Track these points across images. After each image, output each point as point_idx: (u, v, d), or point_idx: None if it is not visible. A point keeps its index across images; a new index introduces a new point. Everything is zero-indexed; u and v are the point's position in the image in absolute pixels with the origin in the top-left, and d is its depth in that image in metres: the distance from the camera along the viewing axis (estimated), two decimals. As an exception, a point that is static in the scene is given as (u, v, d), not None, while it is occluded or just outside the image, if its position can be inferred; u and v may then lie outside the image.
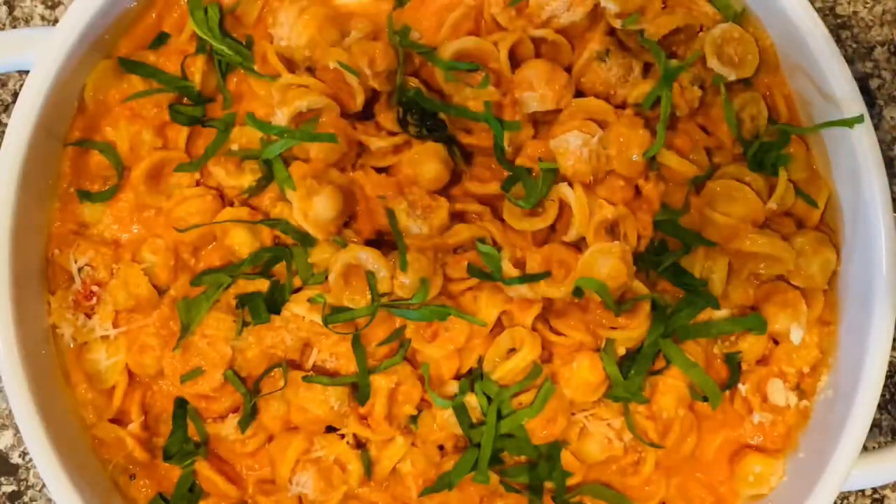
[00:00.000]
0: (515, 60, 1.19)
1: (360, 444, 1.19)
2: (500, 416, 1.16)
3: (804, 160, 1.21)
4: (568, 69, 1.21)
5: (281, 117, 1.14)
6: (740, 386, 1.22)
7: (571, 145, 1.15)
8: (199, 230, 1.17)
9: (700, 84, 1.19)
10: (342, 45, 1.17)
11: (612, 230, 1.18)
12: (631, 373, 1.17)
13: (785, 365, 1.21)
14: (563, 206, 1.17)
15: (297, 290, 1.18)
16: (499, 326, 1.18)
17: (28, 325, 1.16)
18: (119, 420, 1.21)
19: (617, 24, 1.17)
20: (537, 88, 1.17)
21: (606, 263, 1.12)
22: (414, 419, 1.17)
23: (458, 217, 1.18)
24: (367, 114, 1.19)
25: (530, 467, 1.19)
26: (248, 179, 1.18)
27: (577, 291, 1.14)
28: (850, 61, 1.32)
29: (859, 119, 1.14)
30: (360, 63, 1.14)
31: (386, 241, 1.17)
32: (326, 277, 1.14)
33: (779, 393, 1.21)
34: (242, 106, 1.20)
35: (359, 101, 1.14)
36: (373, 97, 1.18)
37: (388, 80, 1.16)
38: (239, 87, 1.21)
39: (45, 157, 1.17)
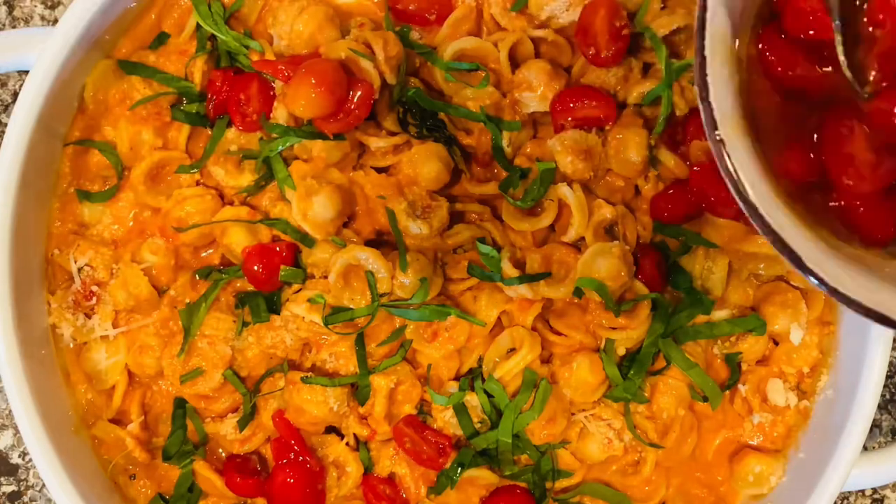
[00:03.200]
0: (515, 60, 1.19)
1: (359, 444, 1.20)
2: (499, 414, 1.16)
3: (804, 160, 1.21)
4: (568, 70, 1.21)
5: (281, 115, 1.14)
6: (740, 386, 1.22)
7: (569, 144, 1.16)
8: (198, 230, 1.17)
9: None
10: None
11: (611, 230, 1.18)
12: (631, 373, 1.17)
13: (785, 365, 1.21)
14: (563, 206, 1.17)
15: (298, 290, 1.18)
16: (499, 326, 1.18)
17: (28, 325, 1.16)
18: (119, 420, 1.21)
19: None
20: (537, 89, 1.17)
21: (605, 264, 1.12)
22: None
23: (458, 217, 1.18)
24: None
25: (532, 468, 1.19)
26: (247, 179, 1.18)
27: (577, 291, 1.14)
28: (850, 61, 1.32)
29: None
30: (375, 46, 1.13)
31: (386, 241, 1.17)
32: (326, 277, 1.14)
33: (779, 393, 1.21)
34: (242, 105, 1.20)
35: (376, 85, 1.13)
36: (373, 97, 1.18)
37: (396, 71, 1.15)
38: (239, 87, 1.21)
39: (45, 156, 1.18)
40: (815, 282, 0.91)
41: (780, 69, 0.98)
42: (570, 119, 1.16)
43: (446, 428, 1.17)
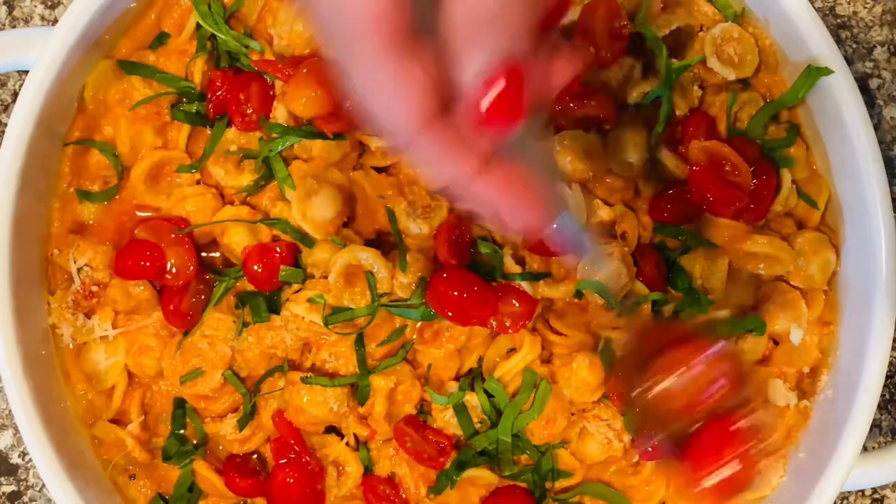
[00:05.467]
0: (515, 60, 1.19)
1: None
2: (499, 414, 1.16)
3: (804, 160, 1.21)
4: (568, 69, 1.21)
5: (281, 115, 1.14)
6: (741, 386, 1.22)
7: (569, 144, 1.16)
8: (198, 229, 1.17)
9: (699, 84, 1.20)
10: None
11: (611, 230, 1.18)
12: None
13: (785, 365, 1.21)
14: (563, 206, 1.17)
15: (298, 290, 1.18)
16: (499, 326, 1.18)
17: (28, 325, 1.16)
18: (119, 420, 1.21)
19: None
20: (537, 88, 1.17)
21: (606, 266, 1.12)
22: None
23: (458, 217, 1.18)
24: (367, 114, 1.19)
25: (532, 468, 1.19)
26: (247, 179, 1.18)
27: (578, 293, 1.14)
28: (849, 61, 1.32)
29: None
30: None
31: (386, 241, 1.17)
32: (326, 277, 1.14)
33: (780, 393, 1.21)
34: (242, 106, 1.20)
35: None
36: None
37: None
38: (239, 87, 1.21)
39: (45, 156, 1.17)
40: None
41: None
42: (569, 119, 1.16)
43: (446, 428, 1.17)
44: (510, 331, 1.13)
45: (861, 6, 1.36)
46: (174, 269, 1.15)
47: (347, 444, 1.18)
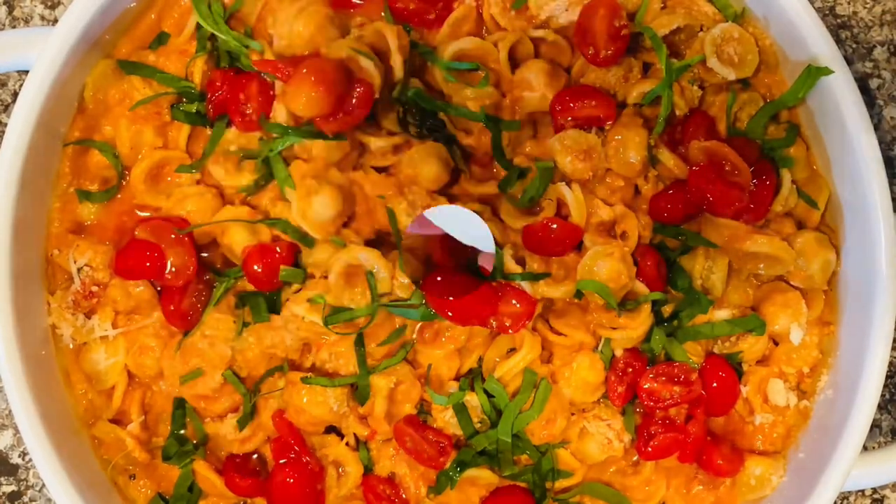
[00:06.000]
0: (515, 60, 1.19)
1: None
2: (499, 414, 1.16)
3: (804, 160, 1.21)
4: (568, 70, 1.21)
5: (281, 115, 1.14)
6: (742, 387, 1.21)
7: (569, 144, 1.16)
8: (198, 229, 1.17)
9: (699, 84, 1.20)
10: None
11: (611, 230, 1.18)
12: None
13: (785, 365, 1.21)
14: (563, 206, 1.17)
15: (298, 290, 1.18)
16: (499, 326, 1.18)
17: (28, 325, 1.16)
18: (119, 420, 1.21)
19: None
20: (537, 89, 1.17)
21: (605, 266, 1.12)
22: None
23: (458, 217, 1.18)
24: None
25: (532, 468, 1.19)
26: (247, 179, 1.18)
27: (578, 292, 1.14)
28: (849, 61, 1.32)
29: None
30: (389, 34, 1.13)
31: (386, 241, 1.17)
32: (326, 277, 1.14)
33: (779, 393, 1.21)
34: (242, 106, 1.20)
35: (376, 84, 1.13)
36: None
37: (404, 65, 1.15)
38: (239, 87, 1.21)
39: (45, 156, 1.18)
40: None
41: None
42: (569, 119, 1.16)
43: (446, 428, 1.17)
44: (510, 331, 1.13)
45: (861, 6, 1.36)
46: (174, 269, 1.15)
47: (347, 444, 1.18)
